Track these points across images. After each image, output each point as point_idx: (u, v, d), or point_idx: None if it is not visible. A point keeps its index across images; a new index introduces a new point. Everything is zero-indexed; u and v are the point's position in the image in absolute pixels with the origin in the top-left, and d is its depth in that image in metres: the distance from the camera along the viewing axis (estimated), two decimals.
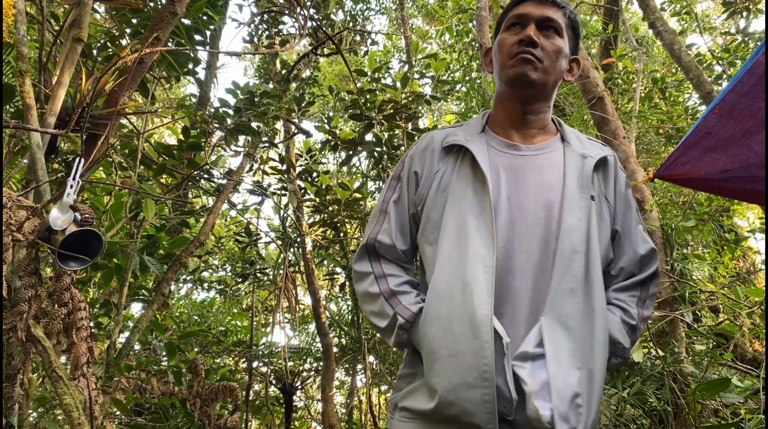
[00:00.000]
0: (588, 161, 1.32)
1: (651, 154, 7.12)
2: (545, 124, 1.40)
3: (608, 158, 1.38)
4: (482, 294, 1.16)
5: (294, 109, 5.24)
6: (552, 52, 1.33)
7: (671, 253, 3.79)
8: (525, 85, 1.33)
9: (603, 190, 1.35)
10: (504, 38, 1.37)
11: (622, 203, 1.39)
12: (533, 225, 1.25)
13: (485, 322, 1.14)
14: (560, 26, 1.35)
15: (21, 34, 2.49)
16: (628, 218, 1.39)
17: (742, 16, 7.41)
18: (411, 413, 1.23)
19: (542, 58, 1.32)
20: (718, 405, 3.24)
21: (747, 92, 1.79)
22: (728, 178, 2.15)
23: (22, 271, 1.75)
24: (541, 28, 1.34)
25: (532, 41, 1.31)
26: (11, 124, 2.37)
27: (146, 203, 3.22)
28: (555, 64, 1.34)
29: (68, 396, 1.59)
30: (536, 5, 1.35)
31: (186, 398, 3.35)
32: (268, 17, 7.11)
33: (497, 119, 1.42)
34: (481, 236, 1.21)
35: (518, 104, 1.38)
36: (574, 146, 1.36)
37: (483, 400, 1.11)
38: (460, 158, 1.35)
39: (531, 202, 1.26)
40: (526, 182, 1.29)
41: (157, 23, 3.26)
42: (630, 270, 1.37)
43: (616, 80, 6.75)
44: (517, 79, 1.33)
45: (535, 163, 1.32)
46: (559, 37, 1.35)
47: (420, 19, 11.86)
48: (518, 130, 1.38)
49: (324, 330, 6.88)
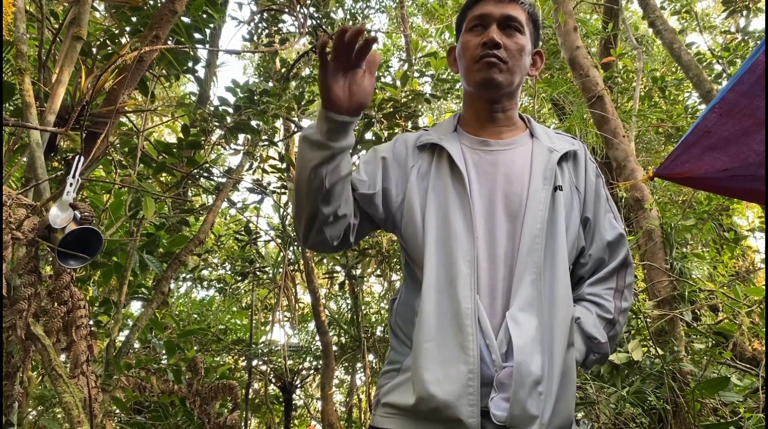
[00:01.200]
0: (553, 155, 1.35)
1: (650, 153, 7.12)
2: (513, 120, 1.44)
3: (578, 151, 1.42)
4: (465, 288, 1.20)
5: (294, 108, 5.23)
6: (515, 51, 1.36)
7: (671, 251, 3.80)
8: (492, 87, 1.36)
9: (574, 181, 1.38)
10: (467, 40, 1.39)
11: (592, 192, 1.41)
12: (502, 217, 1.28)
13: (468, 315, 1.17)
14: (521, 23, 1.37)
15: (20, 32, 2.49)
16: (597, 206, 1.42)
17: (742, 14, 7.41)
18: (393, 409, 1.23)
19: (506, 58, 1.34)
20: (717, 404, 3.24)
21: (747, 91, 1.79)
22: (728, 176, 2.15)
23: (22, 270, 1.75)
24: (502, 28, 1.36)
25: (495, 43, 1.33)
26: (11, 122, 2.37)
27: (146, 201, 3.22)
28: (519, 63, 1.37)
29: (68, 394, 1.59)
30: (495, 4, 1.37)
31: (185, 396, 3.36)
32: (268, 15, 7.10)
33: (467, 119, 1.46)
34: (463, 232, 1.25)
35: (486, 104, 1.41)
36: (542, 141, 1.39)
37: (467, 392, 1.13)
38: (435, 156, 1.38)
39: (501, 195, 1.30)
40: (497, 176, 1.32)
41: (157, 21, 3.26)
42: (598, 255, 1.39)
43: (616, 79, 6.75)
44: (484, 82, 1.35)
45: (505, 158, 1.36)
46: (521, 35, 1.37)
47: (420, 18, 11.85)
48: (488, 128, 1.42)
49: (323, 328, 6.88)
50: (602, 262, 1.40)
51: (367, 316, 7.88)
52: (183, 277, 8.15)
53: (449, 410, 1.13)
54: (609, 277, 1.39)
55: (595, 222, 1.40)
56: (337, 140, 1.19)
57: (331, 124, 1.18)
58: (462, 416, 1.12)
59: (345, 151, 1.22)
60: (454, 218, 1.26)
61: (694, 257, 4.06)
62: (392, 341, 1.36)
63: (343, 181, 1.25)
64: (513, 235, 1.26)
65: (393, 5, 10.63)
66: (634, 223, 4.26)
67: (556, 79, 6.78)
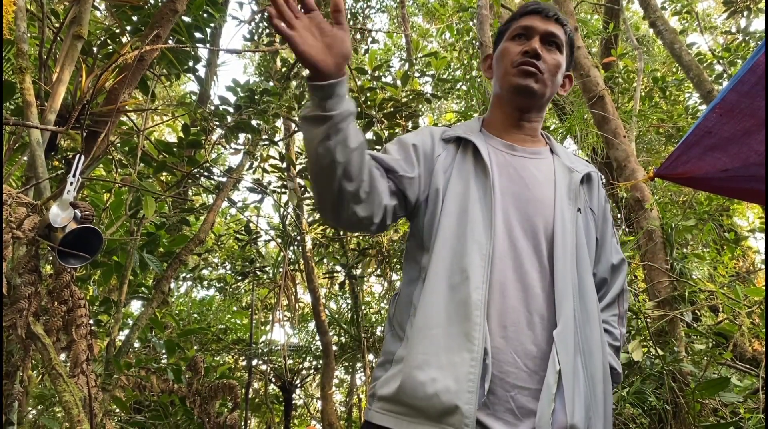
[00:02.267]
0: (575, 175, 1.39)
1: (651, 153, 7.12)
2: (536, 133, 1.48)
3: (592, 174, 1.47)
4: (478, 280, 1.20)
5: (294, 107, 5.23)
6: (552, 67, 1.41)
7: (671, 252, 3.80)
8: (526, 94, 1.40)
9: (588, 202, 1.43)
10: (508, 47, 1.44)
11: (601, 215, 1.47)
12: (525, 222, 1.30)
13: (479, 306, 1.18)
14: (562, 42, 1.44)
15: (21, 31, 2.49)
16: (605, 230, 1.48)
17: (742, 15, 7.41)
18: (388, 403, 1.21)
19: (544, 70, 1.39)
20: (718, 404, 3.24)
21: (748, 91, 1.79)
22: (728, 177, 2.15)
23: (22, 268, 1.75)
24: (544, 42, 1.41)
25: (537, 54, 1.38)
26: (11, 121, 2.37)
27: (146, 201, 3.22)
28: (554, 78, 1.42)
29: (68, 393, 1.59)
30: (542, 19, 1.43)
31: (185, 396, 3.35)
32: (269, 15, 7.09)
33: (493, 122, 1.49)
34: (481, 224, 1.26)
35: (515, 111, 1.45)
36: (562, 159, 1.43)
37: (467, 378, 1.12)
38: (461, 149, 1.40)
39: (523, 199, 1.32)
40: (521, 180, 1.35)
41: (158, 20, 3.26)
42: (602, 275, 1.45)
43: (617, 79, 6.75)
44: (520, 88, 1.39)
45: (529, 165, 1.39)
46: (560, 53, 1.43)
47: (420, 18, 11.86)
48: (513, 134, 1.45)
49: (323, 328, 6.89)
50: (605, 282, 1.45)
51: (367, 315, 7.88)
52: (183, 277, 8.15)
53: (448, 395, 1.12)
54: (613, 304, 1.45)
55: (602, 244, 1.46)
56: (333, 108, 1.13)
57: (320, 93, 1.13)
58: (460, 402, 1.11)
59: (346, 118, 1.15)
60: (474, 209, 1.27)
61: (694, 258, 4.05)
62: (387, 335, 1.36)
63: (358, 152, 1.18)
64: (537, 245, 1.27)
65: (394, 5, 10.63)
66: (635, 224, 4.26)
67: None
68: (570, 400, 1.13)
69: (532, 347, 1.19)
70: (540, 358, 1.18)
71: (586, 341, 1.23)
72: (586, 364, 1.21)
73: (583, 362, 1.20)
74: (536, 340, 1.20)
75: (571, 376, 1.15)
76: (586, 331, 1.23)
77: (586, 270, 1.30)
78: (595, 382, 1.21)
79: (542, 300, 1.23)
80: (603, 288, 1.45)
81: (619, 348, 1.40)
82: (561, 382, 1.14)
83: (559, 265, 1.24)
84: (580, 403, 1.15)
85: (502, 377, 1.16)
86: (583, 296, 1.27)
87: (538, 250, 1.27)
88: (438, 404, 1.12)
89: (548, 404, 1.12)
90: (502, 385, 1.16)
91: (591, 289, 1.30)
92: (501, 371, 1.17)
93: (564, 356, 1.16)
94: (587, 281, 1.29)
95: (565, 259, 1.25)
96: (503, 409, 1.15)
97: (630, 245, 3.89)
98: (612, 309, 1.44)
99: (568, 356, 1.17)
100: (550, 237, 1.28)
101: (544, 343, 1.19)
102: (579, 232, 1.32)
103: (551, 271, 1.25)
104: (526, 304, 1.22)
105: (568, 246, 1.27)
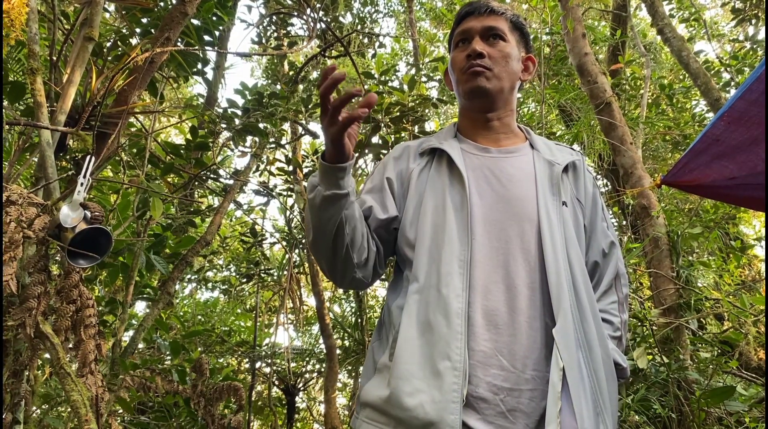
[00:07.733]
0: (556, 168, 1.38)
1: (658, 161, 7.11)
2: (511, 128, 1.48)
3: (577, 162, 1.46)
4: (457, 288, 1.20)
5: (301, 111, 5.25)
6: (500, 58, 1.41)
7: (677, 259, 3.79)
8: (481, 94, 1.41)
9: (575, 192, 1.42)
10: (454, 56, 1.47)
11: (590, 201, 1.46)
12: (507, 221, 1.29)
13: (459, 314, 1.17)
14: (503, 31, 1.44)
15: (32, 32, 2.51)
16: (594, 215, 1.45)
17: (750, 23, 7.39)
18: (374, 412, 1.20)
19: (491, 66, 1.40)
20: (723, 413, 3.23)
21: (756, 100, 1.79)
22: (736, 185, 2.15)
23: (32, 268, 1.76)
24: (485, 38, 1.43)
25: (478, 53, 1.39)
26: (22, 122, 2.39)
27: (153, 202, 3.23)
28: (505, 68, 1.42)
29: (76, 393, 1.60)
30: (477, 18, 1.45)
31: (190, 397, 3.36)
32: (277, 19, 7.14)
33: (464, 129, 1.50)
34: (458, 232, 1.26)
35: (479, 114, 1.46)
36: (542, 153, 1.42)
37: (451, 389, 1.11)
38: (435, 158, 1.42)
39: (503, 200, 1.31)
40: (497, 181, 1.35)
41: (168, 23, 3.29)
42: (594, 258, 1.42)
43: (624, 86, 6.75)
44: (472, 91, 1.41)
45: (506, 164, 1.39)
46: (505, 42, 1.43)
47: (428, 23, 11.88)
48: (485, 136, 1.46)
49: (327, 331, 6.88)
50: (596, 266, 1.42)
51: (371, 320, 7.87)
52: (188, 279, 8.17)
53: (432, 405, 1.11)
54: (610, 290, 1.42)
55: (592, 230, 1.44)
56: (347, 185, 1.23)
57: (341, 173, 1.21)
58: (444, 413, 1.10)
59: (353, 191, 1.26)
60: (449, 219, 1.28)
61: (700, 265, 4.04)
62: (375, 342, 1.36)
63: (361, 221, 1.30)
64: (523, 244, 1.26)
65: (401, 10, 10.66)
66: (641, 231, 4.26)
67: (563, 86, 6.78)
68: (576, 398, 1.11)
69: (521, 348, 1.18)
70: (531, 358, 1.17)
71: (584, 336, 1.21)
72: (589, 359, 1.19)
73: (585, 358, 1.19)
74: (525, 340, 1.18)
75: (575, 373, 1.14)
76: (583, 325, 1.22)
77: (578, 264, 1.28)
78: (599, 377, 1.20)
79: (532, 299, 1.22)
80: (596, 273, 1.42)
81: (621, 337, 1.37)
82: (566, 380, 1.12)
83: (550, 261, 1.23)
84: (587, 400, 1.13)
85: (490, 380, 1.15)
86: (578, 291, 1.25)
87: (525, 249, 1.26)
88: (422, 415, 1.11)
89: (554, 403, 1.10)
90: (490, 388, 1.15)
91: (584, 283, 1.27)
92: (488, 375, 1.15)
93: (566, 353, 1.15)
94: (579, 276, 1.27)
95: (556, 254, 1.24)
96: (494, 413, 1.14)
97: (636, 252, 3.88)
98: (610, 295, 1.41)
99: (570, 353, 1.15)
100: (537, 234, 1.27)
101: (536, 343, 1.19)
102: (567, 225, 1.31)
103: (542, 269, 1.23)
104: (511, 305, 1.21)
105: (557, 241, 1.26)
